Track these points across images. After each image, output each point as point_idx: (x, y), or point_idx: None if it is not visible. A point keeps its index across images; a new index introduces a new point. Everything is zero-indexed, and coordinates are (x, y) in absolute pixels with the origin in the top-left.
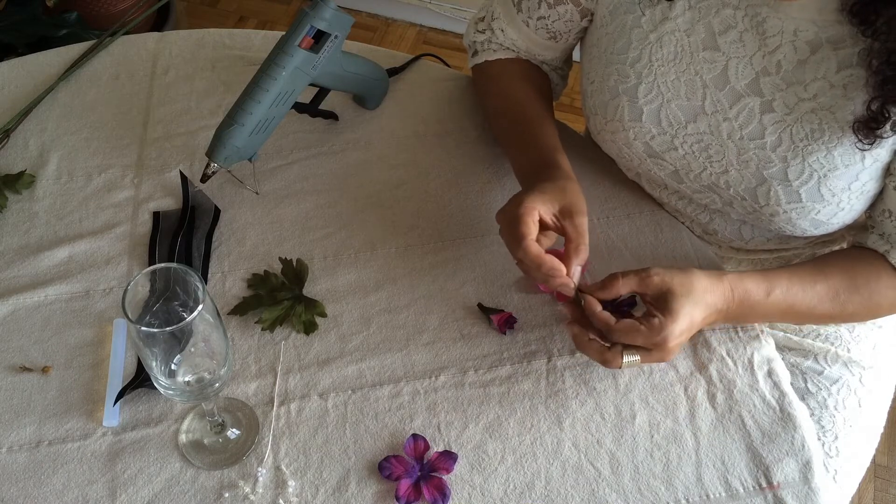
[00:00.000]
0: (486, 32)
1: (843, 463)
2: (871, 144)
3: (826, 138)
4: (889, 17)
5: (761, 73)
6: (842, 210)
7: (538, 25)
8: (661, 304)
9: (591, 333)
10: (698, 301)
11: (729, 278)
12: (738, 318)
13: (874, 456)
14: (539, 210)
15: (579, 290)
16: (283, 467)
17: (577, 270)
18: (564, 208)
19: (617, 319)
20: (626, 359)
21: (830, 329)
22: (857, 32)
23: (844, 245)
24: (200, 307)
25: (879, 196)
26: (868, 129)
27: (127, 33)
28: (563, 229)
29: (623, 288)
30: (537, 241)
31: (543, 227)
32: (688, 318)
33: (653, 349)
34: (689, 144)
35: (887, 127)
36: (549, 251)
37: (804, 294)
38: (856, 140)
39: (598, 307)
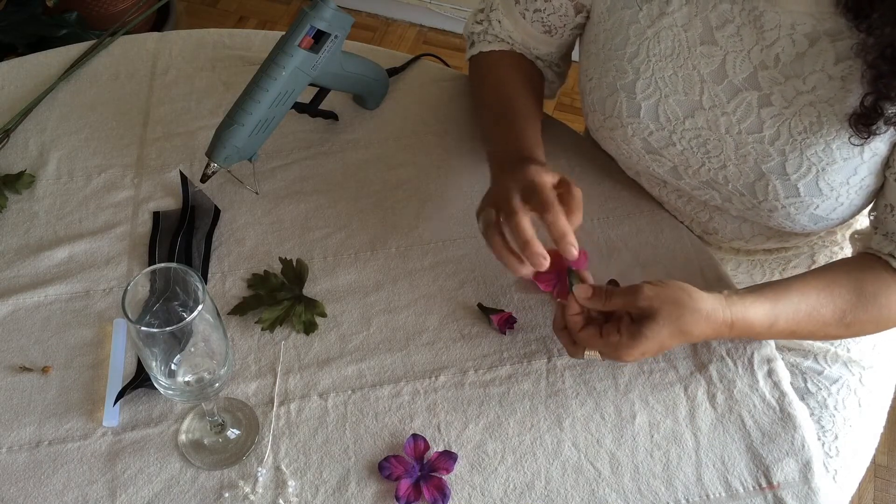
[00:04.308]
0: (483, 24)
1: (843, 463)
2: (866, 139)
3: (824, 131)
4: (883, 12)
5: (759, 67)
6: (841, 205)
7: (534, 18)
8: (637, 323)
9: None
10: (680, 331)
11: (734, 311)
12: (736, 338)
13: (874, 456)
14: (547, 179)
15: (576, 278)
16: (283, 467)
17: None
18: (562, 180)
19: (584, 326)
20: (587, 354)
21: None
22: (852, 28)
23: (845, 247)
24: (200, 307)
25: (881, 192)
26: (862, 124)
27: (127, 33)
28: (561, 197)
29: (609, 306)
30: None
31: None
32: (657, 342)
33: (610, 352)
34: (687, 140)
35: (881, 122)
36: (548, 251)
37: (809, 320)
38: (850, 135)
39: (576, 309)
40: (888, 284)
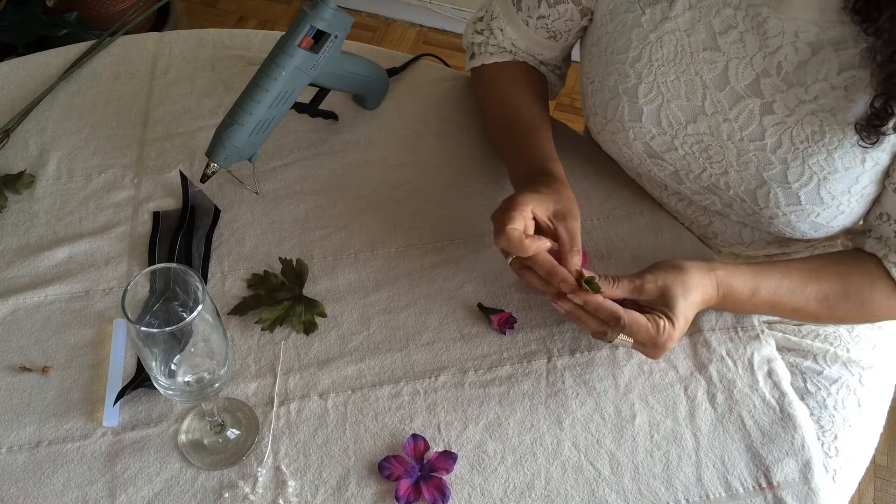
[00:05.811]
0: (484, 33)
1: (842, 463)
2: (874, 143)
3: (826, 140)
4: (891, 14)
5: (762, 74)
6: (841, 213)
7: (538, 24)
8: (663, 306)
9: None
10: (693, 300)
11: (718, 275)
12: (722, 308)
13: (874, 456)
14: (533, 208)
15: (580, 280)
16: (283, 467)
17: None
18: (558, 211)
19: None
20: (621, 336)
21: (830, 329)
22: (859, 32)
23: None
24: (200, 307)
25: (876, 200)
26: (871, 126)
27: (127, 33)
28: (557, 232)
29: (615, 293)
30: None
31: (537, 227)
32: (684, 318)
33: (651, 346)
34: (688, 145)
35: (890, 124)
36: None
37: (791, 295)
38: (858, 139)
39: (602, 298)
40: (874, 281)
